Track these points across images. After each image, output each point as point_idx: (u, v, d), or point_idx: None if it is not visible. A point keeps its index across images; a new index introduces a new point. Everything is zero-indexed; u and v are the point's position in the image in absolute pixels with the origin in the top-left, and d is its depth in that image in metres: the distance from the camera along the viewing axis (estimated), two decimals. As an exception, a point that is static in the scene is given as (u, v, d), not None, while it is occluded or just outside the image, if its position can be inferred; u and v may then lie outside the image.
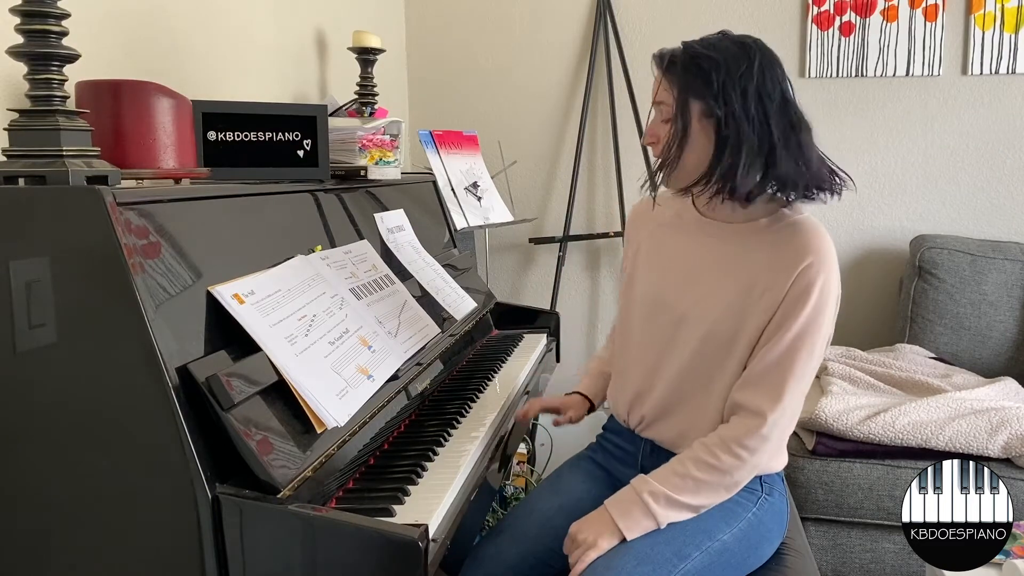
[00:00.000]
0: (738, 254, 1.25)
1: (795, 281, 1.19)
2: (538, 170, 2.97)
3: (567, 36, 2.88)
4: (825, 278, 1.19)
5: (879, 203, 2.75)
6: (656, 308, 1.32)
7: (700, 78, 1.18)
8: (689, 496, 1.19)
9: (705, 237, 1.30)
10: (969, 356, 2.48)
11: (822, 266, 1.19)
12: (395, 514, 1.03)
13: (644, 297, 1.35)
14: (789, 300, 1.19)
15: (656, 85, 1.25)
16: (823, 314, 1.19)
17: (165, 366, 0.90)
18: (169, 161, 1.17)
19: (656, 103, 1.25)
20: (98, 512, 0.94)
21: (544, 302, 2.90)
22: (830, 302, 1.20)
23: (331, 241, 1.41)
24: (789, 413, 1.20)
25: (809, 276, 1.18)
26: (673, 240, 1.35)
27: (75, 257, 0.91)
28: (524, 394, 1.66)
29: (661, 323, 1.31)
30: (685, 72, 1.20)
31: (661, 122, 1.24)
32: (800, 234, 1.21)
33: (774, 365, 1.19)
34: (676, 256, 1.33)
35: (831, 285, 1.20)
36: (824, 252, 1.20)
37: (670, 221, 1.37)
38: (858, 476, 2.01)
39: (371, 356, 1.23)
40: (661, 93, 1.23)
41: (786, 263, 1.20)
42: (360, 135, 1.60)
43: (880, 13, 2.64)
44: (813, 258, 1.19)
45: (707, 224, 1.30)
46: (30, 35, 0.95)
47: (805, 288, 1.18)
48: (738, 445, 1.18)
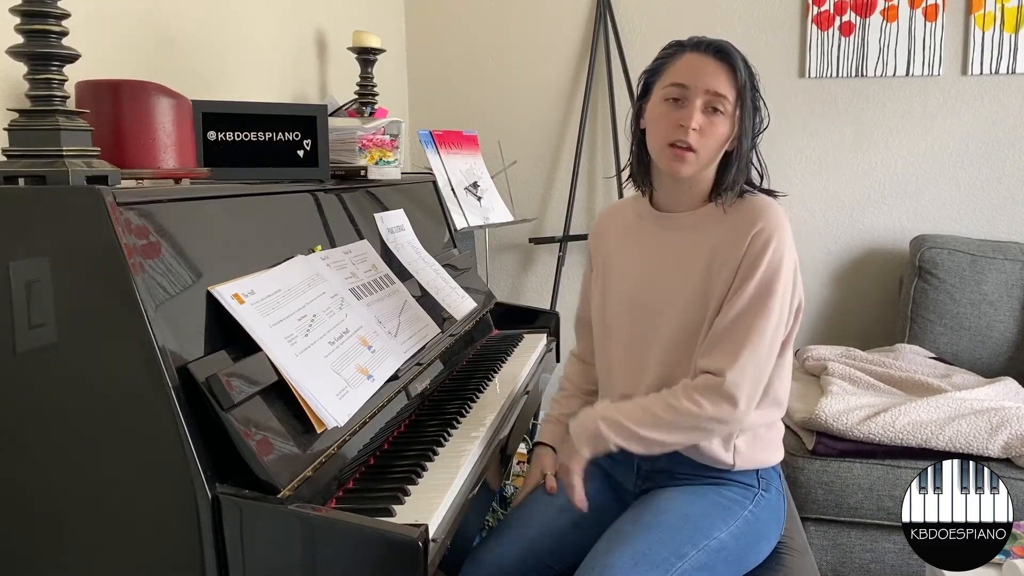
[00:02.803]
0: (696, 240, 1.29)
1: (748, 246, 1.22)
2: (538, 170, 2.97)
3: (567, 36, 2.88)
4: (778, 241, 1.22)
5: (879, 203, 2.75)
6: (632, 308, 1.34)
7: (751, 80, 1.25)
8: (641, 427, 1.22)
9: (664, 231, 1.33)
10: (969, 356, 2.48)
11: (774, 230, 1.22)
12: (395, 514, 1.03)
13: (620, 301, 1.37)
14: (744, 265, 1.22)
15: (705, 75, 1.22)
16: (778, 275, 1.22)
17: (165, 366, 0.90)
18: (169, 161, 1.17)
19: (711, 93, 1.22)
20: (98, 512, 0.94)
21: (544, 302, 2.90)
22: (784, 264, 1.23)
23: (331, 241, 1.41)
24: (750, 375, 1.21)
25: (761, 239, 1.22)
26: (637, 241, 1.37)
27: (75, 257, 0.91)
28: (524, 394, 1.66)
29: (638, 322, 1.33)
30: (746, 70, 1.24)
31: (703, 110, 1.22)
32: (750, 205, 1.26)
33: (730, 327, 1.22)
34: (642, 256, 1.36)
35: (784, 248, 1.23)
36: (774, 218, 1.23)
37: (632, 224, 1.40)
38: (858, 476, 2.01)
39: (371, 356, 1.24)
40: (721, 84, 1.22)
41: (739, 233, 1.24)
42: (360, 135, 1.60)
43: (880, 13, 2.64)
44: (764, 223, 1.23)
45: (664, 218, 1.34)
46: (30, 35, 0.95)
47: (759, 251, 1.22)
48: (697, 394, 1.21)
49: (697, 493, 1.28)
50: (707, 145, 1.23)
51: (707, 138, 1.22)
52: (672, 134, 1.22)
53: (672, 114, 1.23)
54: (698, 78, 1.22)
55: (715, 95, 1.21)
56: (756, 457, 1.30)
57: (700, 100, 1.22)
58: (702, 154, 1.23)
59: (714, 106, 1.22)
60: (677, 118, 1.22)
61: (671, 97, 1.23)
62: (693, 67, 1.23)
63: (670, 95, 1.24)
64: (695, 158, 1.23)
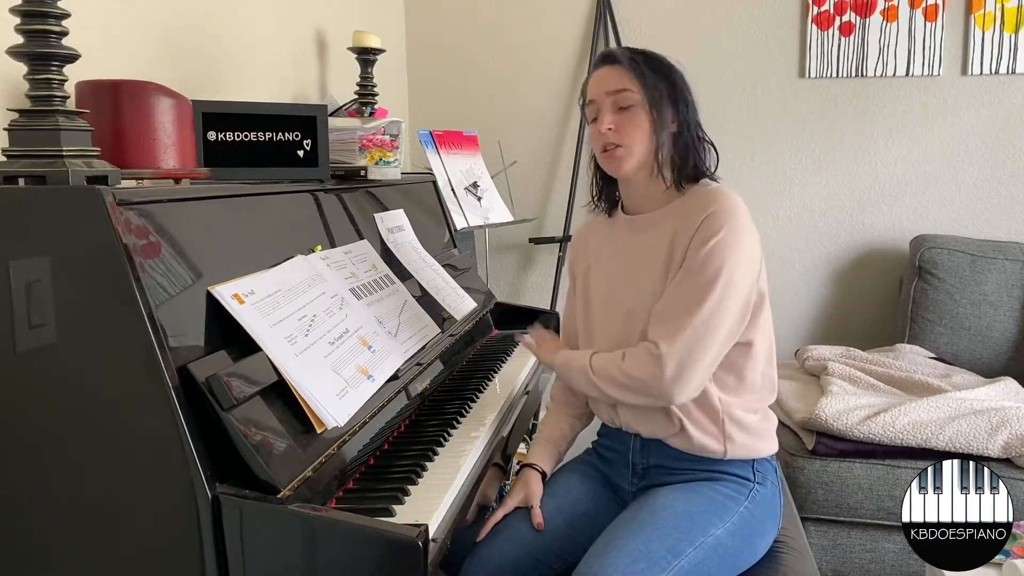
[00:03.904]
0: (657, 237, 1.32)
1: (699, 228, 1.25)
2: (538, 170, 2.97)
3: (567, 36, 2.88)
4: (731, 226, 1.24)
5: (879, 203, 2.75)
6: (610, 310, 1.37)
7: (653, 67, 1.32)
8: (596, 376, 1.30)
9: (634, 234, 1.37)
10: (969, 356, 2.48)
11: (727, 216, 1.24)
12: (395, 514, 1.03)
13: (600, 305, 1.40)
14: (693, 245, 1.25)
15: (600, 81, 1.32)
16: (725, 259, 1.22)
17: (165, 366, 0.90)
18: (169, 161, 1.17)
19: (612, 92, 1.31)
20: (98, 512, 0.94)
21: (544, 302, 2.90)
22: (735, 249, 1.23)
23: (331, 241, 1.41)
24: (680, 346, 1.22)
25: (712, 221, 1.24)
26: (612, 247, 1.41)
27: (75, 257, 0.91)
28: (524, 394, 1.66)
29: (615, 323, 1.35)
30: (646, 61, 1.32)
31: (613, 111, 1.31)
32: (705, 193, 1.30)
33: (670, 300, 1.26)
34: (615, 258, 1.40)
35: (738, 234, 1.24)
36: (727, 203, 1.26)
37: (607, 233, 1.44)
38: (858, 476, 2.01)
39: (371, 356, 1.24)
40: (617, 82, 1.30)
41: (692, 218, 1.27)
42: (360, 135, 1.60)
43: (880, 13, 2.64)
44: (716, 207, 1.25)
45: (634, 220, 1.38)
46: (30, 35, 0.95)
47: (708, 232, 1.24)
48: (630, 356, 1.27)
49: (693, 490, 1.29)
50: (630, 135, 1.30)
51: (627, 130, 1.30)
52: (599, 142, 1.33)
53: (595, 128, 1.33)
54: (597, 88, 1.33)
55: (616, 92, 1.30)
56: (748, 446, 1.31)
57: (606, 104, 1.31)
58: (630, 146, 1.30)
59: (620, 104, 1.30)
60: (596, 129, 1.33)
61: (591, 117, 1.35)
62: (593, 82, 1.35)
63: (589, 115, 1.35)
64: (624, 151, 1.30)
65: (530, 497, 1.37)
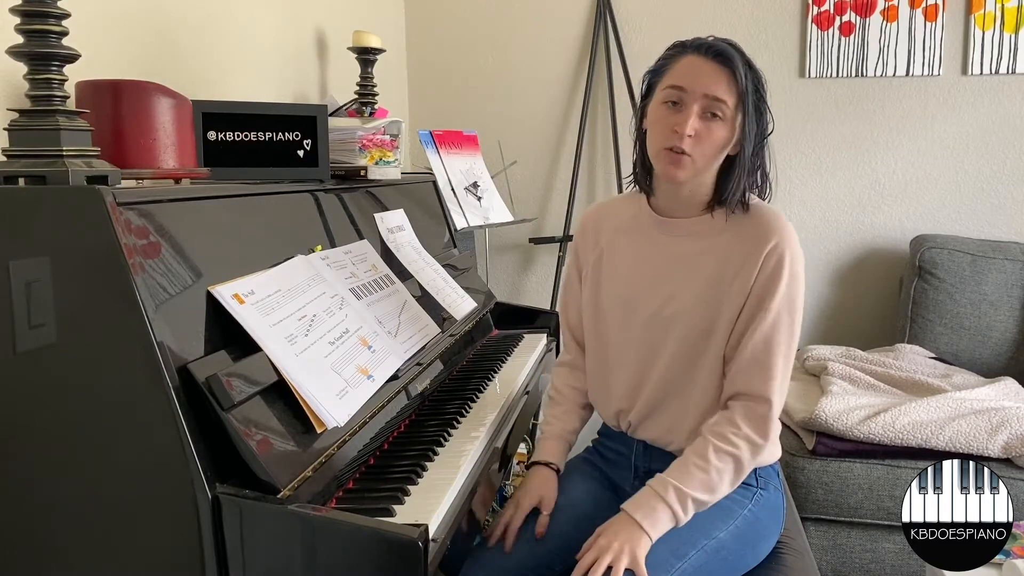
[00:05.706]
0: (700, 248, 1.28)
1: (763, 262, 1.22)
2: (538, 170, 2.96)
3: (567, 36, 2.87)
4: (792, 255, 1.23)
5: (879, 203, 2.75)
6: (628, 312, 1.32)
7: (755, 84, 1.21)
8: (715, 492, 1.21)
9: (663, 236, 1.31)
10: (969, 356, 2.48)
11: (787, 244, 1.23)
12: (395, 514, 1.03)
13: (614, 303, 1.35)
14: (761, 282, 1.22)
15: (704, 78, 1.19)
16: (797, 290, 1.23)
17: (165, 366, 0.89)
18: (169, 161, 1.17)
19: (709, 98, 1.19)
20: (98, 512, 0.94)
21: (544, 302, 2.90)
22: (800, 278, 1.24)
23: (331, 241, 1.41)
24: (782, 393, 1.23)
25: (777, 255, 1.22)
26: (633, 242, 1.35)
27: (75, 257, 0.91)
28: (524, 394, 1.66)
29: (635, 327, 1.31)
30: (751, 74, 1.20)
31: (700, 115, 1.19)
32: (759, 218, 1.26)
33: (761, 347, 1.22)
34: (640, 258, 1.33)
35: (798, 261, 1.24)
36: (786, 231, 1.24)
37: (627, 224, 1.36)
38: (858, 476, 2.01)
39: (371, 356, 1.23)
40: (720, 89, 1.19)
41: (751, 247, 1.23)
42: (360, 135, 1.60)
43: (880, 13, 2.64)
44: (777, 238, 1.23)
45: (664, 223, 1.32)
46: (30, 35, 0.95)
47: (775, 267, 1.22)
48: (754, 433, 1.21)
49: None
50: (703, 151, 1.20)
51: (703, 144, 1.20)
52: (668, 139, 1.20)
53: (669, 118, 1.20)
54: (696, 81, 1.19)
55: (713, 100, 1.19)
56: None
57: (697, 104, 1.19)
58: (698, 160, 1.20)
59: (712, 111, 1.19)
60: (673, 123, 1.20)
61: (669, 100, 1.21)
62: (692, 70, 1.20)
63: (668, 98, 1.21)
64: (690, 163, 1.20)
65: (547, 503, 1.33)
